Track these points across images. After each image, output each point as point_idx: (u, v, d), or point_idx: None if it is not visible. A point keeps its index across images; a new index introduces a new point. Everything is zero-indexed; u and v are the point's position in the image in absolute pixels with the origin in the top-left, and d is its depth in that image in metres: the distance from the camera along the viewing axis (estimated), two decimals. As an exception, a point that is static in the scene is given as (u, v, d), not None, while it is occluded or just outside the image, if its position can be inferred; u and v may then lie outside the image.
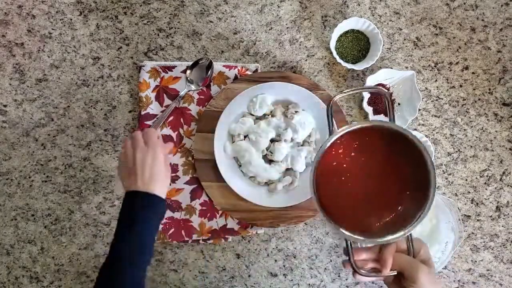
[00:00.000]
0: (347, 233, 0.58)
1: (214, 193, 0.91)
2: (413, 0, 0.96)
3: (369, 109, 0.92)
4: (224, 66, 0.92)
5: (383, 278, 0.64)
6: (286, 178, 0.90)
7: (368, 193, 0.62)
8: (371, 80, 0.91)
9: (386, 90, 0.71)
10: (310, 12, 0.95)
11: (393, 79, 0.92)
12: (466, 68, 0.95)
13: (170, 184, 0.82)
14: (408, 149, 0.58)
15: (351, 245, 0.60)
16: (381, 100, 0.92)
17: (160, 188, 0.72)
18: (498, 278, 0.93)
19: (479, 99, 0.95)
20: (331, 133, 0.61)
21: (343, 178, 0.61)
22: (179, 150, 0.93)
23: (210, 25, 0.95)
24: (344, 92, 0.65)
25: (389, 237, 0.59)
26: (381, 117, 0.92)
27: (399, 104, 0.93)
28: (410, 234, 0.61)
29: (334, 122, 0.65)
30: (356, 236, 0.58)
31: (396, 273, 0.61)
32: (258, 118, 0.91)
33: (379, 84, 0.92)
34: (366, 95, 0.91)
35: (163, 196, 0.73)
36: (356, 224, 0.60)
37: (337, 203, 0.61)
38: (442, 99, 0.95)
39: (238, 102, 0.90)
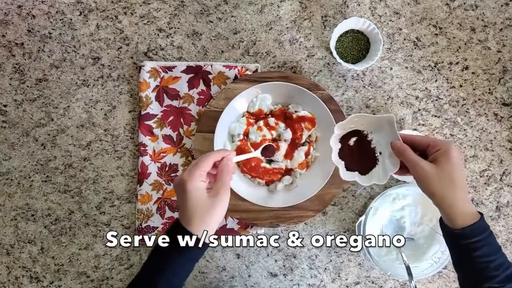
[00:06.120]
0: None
1: (214, 193, 0.91)
2: (413, 0, 0.95)
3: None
4: (224, 66, 0.92)
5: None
6: (286, 178, 0.90)
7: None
8: (340, 128, 0.77)
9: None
10: (310, 12, 0.95)
11: (370, 124, 0.78)
12: (466, 68, 0.95)
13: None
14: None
15: None
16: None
17: (197, 225, 0.62)
18: (498, 278, 0.93)
19: (479, 99, 0.95)
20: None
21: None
22: (179, 150, 0.93)
23: (210, 25, 0.95)
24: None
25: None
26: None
27: (380, 153, 0.78)
28: None
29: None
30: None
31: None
32: (258, 118, 0.91)
33: (354, 131, 0.79)
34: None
35: (200, 233, 0.62)
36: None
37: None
38: (442, 99, 0.95)
39: (238, 102, 0.90)
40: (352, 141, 0.79)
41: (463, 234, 0.63)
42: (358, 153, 0.79)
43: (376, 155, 0.78)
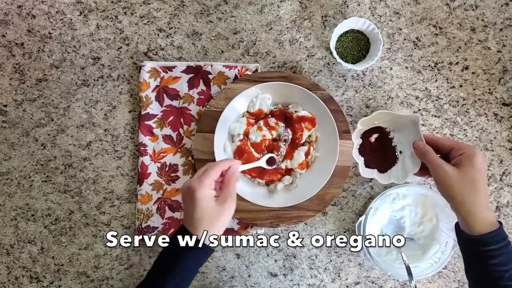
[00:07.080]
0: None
1: (214, 193, 0.91)
2: (413, 0, 0.96)
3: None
4: (224, 66, 0.92)
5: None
6: (286, 178, 0.90)
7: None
8: (363, 123, 0.79)
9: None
10: (310, 12, 0.95)
11: (393, 122, 0.79)
12: (466, 68, 0.95)
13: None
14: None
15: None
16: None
17: (203, 229, 0.63)
18: (498, 278, 0.93)
19: (479, 99, 0.95)
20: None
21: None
22: (179, 150, 0.93)
23: (210, 25, 0.95)
24: None
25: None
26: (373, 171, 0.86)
27: (400, 152, 0.80)
28: None
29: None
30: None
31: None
32: (258, 118, 0.91)
33: (376, 127, 0.81)
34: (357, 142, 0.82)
35: (207, 240, 0.63)
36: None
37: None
38: (442, 99, 0.95)
39: (238, 102, 0.90)
40: (373, 137, 0.79)
41: (481, 241, 0.62)
42: (379, 150, 0.80)
43: (396, 154, 0.77)
